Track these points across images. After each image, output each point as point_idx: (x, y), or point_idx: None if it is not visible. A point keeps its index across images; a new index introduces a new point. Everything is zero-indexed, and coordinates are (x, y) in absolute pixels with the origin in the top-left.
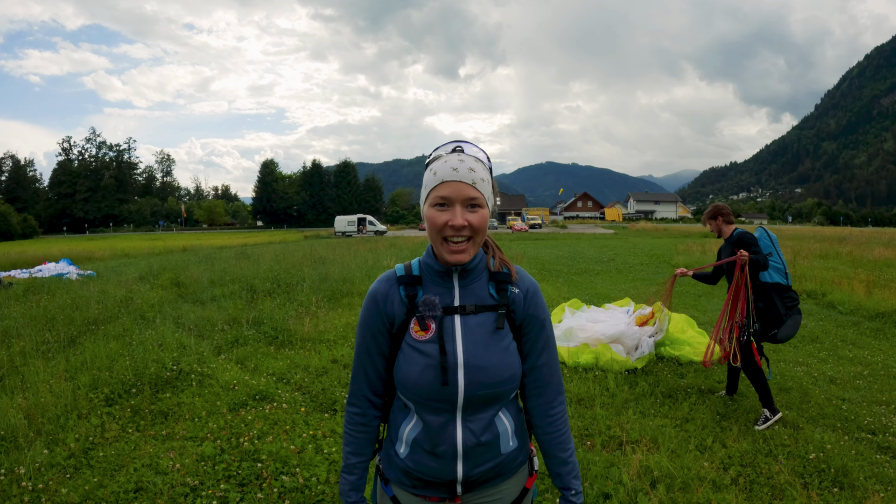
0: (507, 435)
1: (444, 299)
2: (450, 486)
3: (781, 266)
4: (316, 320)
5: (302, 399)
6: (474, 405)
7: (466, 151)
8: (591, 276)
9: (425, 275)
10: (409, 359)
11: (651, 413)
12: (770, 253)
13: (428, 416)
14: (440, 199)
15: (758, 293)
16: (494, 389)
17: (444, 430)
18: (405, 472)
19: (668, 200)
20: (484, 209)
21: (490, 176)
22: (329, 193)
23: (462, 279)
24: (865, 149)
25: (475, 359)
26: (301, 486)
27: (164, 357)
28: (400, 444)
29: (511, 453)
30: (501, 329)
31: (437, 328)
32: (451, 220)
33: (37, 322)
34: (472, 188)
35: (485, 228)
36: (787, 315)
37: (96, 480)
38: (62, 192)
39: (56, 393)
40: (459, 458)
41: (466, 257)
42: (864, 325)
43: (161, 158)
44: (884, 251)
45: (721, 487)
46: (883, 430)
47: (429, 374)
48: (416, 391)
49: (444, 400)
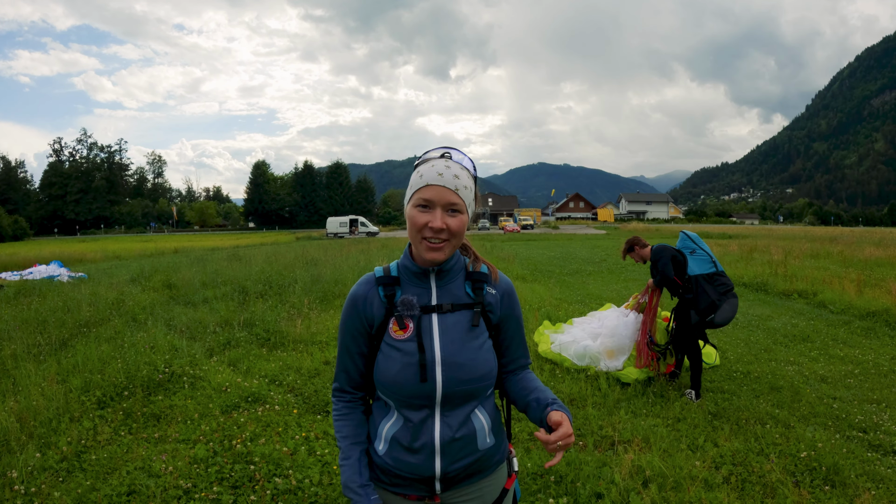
0: (483, 431)
1: (422, 299)
2: (428, 482)
3: (707, 256)
4: (308, 322)
5: (294, 401)
6: (452, 401)
7: (454, 158)
8: (583, 277)
9: (403, 276)
10: (388, 357)
11: (643, 413)
12: (693, 250)
13: (408, 413)
14: (423, 201)
15: (686, 286)
16: (471, 386)
17: (423, 425)
18: (383, 470)
19: (660, 201)
20: (463, 215)
21: (474, 185)
22: (321, 195)
23: (439, 279)
24: (856, 149)
25: (452, 356)
26: (294, 488)
27: (156, 359)
28: (379, 442)
29: (488, 450)
30: (477, 327)
31: (415, 327)
32: (432, 222)
33: (28, 325)
34: (454, 194)
35: (462, 233)
36: (720, 300)
37: (89, 483)
38: (53, 194)
39: (48, 396)
40: (437, 453)
41: (442, 256)
42: (855, 324)
43: (152, 160)
44: (874, 251)
45: (713, 486)
46: (874, 428)
47: (407, 371)
48: (396, 389)
49: (422, 396)
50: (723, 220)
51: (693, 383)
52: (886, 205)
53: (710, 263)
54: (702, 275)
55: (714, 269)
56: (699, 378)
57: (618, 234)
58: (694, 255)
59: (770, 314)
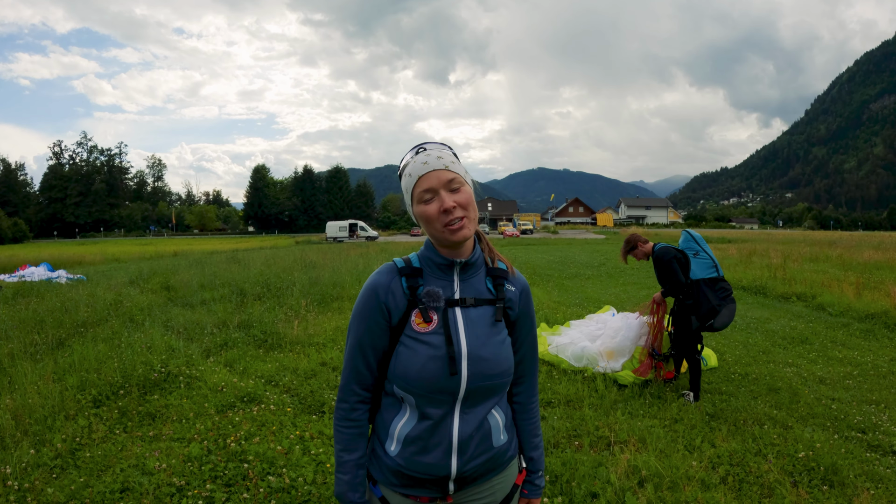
0: (498, 429)
1: (445, 292)
2: (442, 482)
3: (709, 260)
4: (305, 324)
5: (290, 401)
6: (473, 397)
7: (429, 147)
8: (581, 281)
9: (426, 267)
10: (411, 350)
11: (640, 414)
12: (697, 252)
13: (428, 409)
14: (425, 194)
15: (688, 291)
16: (493, 381)
17: (442, 422)
18: (394, 472)
19: (660, 206)
20: (465, 186)
21: (458, 160)
22: (320, 199)
23: (462, 273)
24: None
25: (477, 350)
26: (287, 487)
27: (153, 359)
28: (391, 442)
29: (502, 447)
30: (499, 322)
31: (441, 319)
32: (442, 206)
33: (25, 324)
34: (446, 171)
35: (473, 204)
36: (720, 305)
37: (82, 480)
38: (53, 197)
39: (44, 394)
40: (454, 451)
41: (468, 232)
42: (854, 326)
43: (152, 163)
44: (873, 254)
45: (710, 486)
46: (873, 429)
47: (432, 365)
48: (419, 383)
49: (446, 391)
50: (722, 224)
51: (692, 385)
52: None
53: (712, 268)
54: (703, 279)
55: (716, 274)
56: (698, 380)
57: (617, 238)
58: (697, 257)
59: (769, 317)
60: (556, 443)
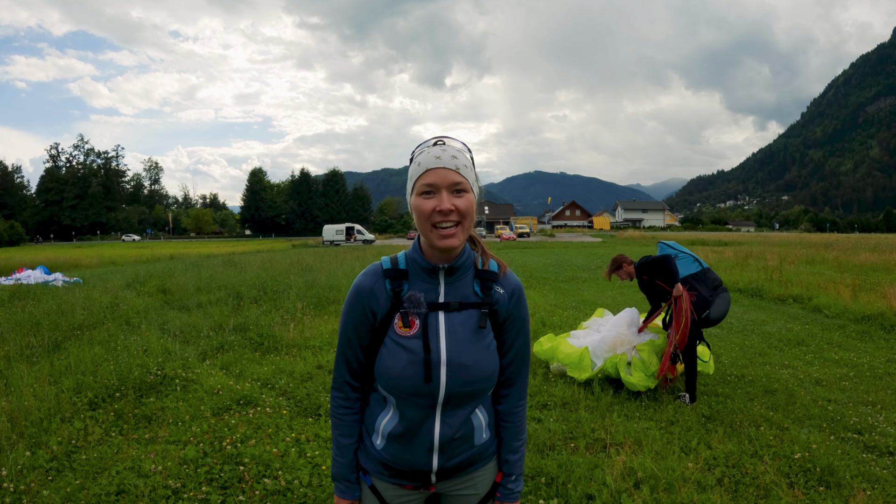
0: (481, 428)
1: (430, 295)
2: (424, 476)
3: (690, 257)
4: (301, 326)
5: (286, 404)
6: (454, 401)
7: (448, 143)
8: (578, 284)
9: (411, 269)
10: (392, 353)
11: (636, 416)
12: (676, 255)
13: (407, 411)
14: (426, 187)
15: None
16: (474, 387)
17: (423, 424)
18: (381, 463)
19: (656, 209)
20: (469, 194)
21: (473, 165)
22: (317, 202)
23: (448, 276)
24: (851, 156)
25: (458, 357)
26: (283, 489)
27: (149, 362)
28: (376, 437)
29: (484, 444)
30: (483, 328)
31: (420, 325)
32: (439, 206)
33: (22, 327)
34: (455, 173)
35: (472, 213)
36: (712, 296)
37: (78, 483)
38: (49, 199)
39: (40, 397)
40: (435, 451)
41: (456, 242)
42: (850, 327)
43: (149, 166)
44: (869, 256)
45: (706, 488)
46: (869, 430)
47: (411, 369)
48: (398, 386)
49: (425, 395)
50: (719, 227)
51: (688, 387)
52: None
53: (695, 263)
54: (690, 275)
55: (700, 268)
56: (694, 382)
57: (614, 241)
58: (678, 259)
59: (765, 319)
60: (552, 445)
